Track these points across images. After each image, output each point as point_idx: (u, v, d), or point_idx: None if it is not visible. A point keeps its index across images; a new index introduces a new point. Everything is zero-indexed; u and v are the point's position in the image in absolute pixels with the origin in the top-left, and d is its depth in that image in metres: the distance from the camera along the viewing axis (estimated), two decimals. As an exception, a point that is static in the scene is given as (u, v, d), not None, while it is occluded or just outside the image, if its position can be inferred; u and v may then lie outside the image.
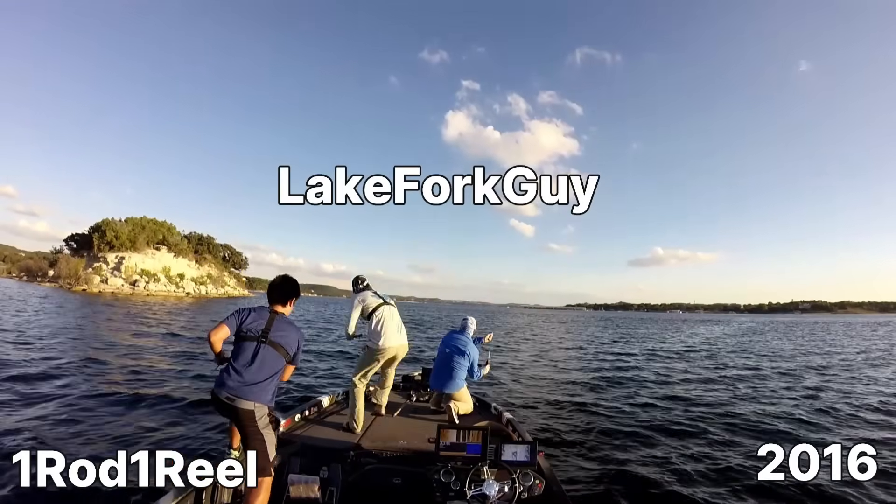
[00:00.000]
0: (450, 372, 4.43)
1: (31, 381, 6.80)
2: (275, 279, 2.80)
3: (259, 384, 2.40)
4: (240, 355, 2.45)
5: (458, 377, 4.42)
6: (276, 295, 2.70)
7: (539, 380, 9.57)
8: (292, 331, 2.63)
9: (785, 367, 12.88)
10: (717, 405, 7.49)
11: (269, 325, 2.54)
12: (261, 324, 2.53)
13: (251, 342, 2.48)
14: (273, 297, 2.70)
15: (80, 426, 4.97)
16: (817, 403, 7.72)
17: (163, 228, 63.65)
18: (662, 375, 10.81)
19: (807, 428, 6.19)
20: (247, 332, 2.49)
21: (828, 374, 11.49)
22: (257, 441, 2.35)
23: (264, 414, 2.40)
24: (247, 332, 2.49)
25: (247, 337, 2.48)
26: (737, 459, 4.79)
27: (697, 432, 5.77)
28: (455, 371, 4.42)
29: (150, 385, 7.18)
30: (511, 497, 2.55)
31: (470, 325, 4.76)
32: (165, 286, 58.13)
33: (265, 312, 2.61)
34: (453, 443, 2.80)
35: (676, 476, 4.34)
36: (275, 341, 2.51)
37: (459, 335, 4.66)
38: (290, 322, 2.67)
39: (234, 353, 2.48)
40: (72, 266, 54.05)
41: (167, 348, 11.55)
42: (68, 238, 64.76)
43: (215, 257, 75.63)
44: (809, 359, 15.21)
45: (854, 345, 22.07)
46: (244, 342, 2.48)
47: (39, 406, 5.61)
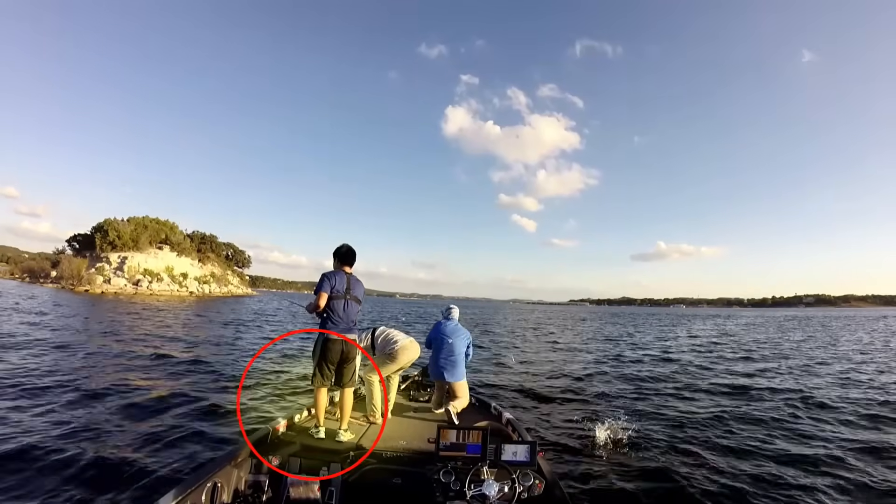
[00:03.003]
0: (455, 360, 4.54)
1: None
2: (343, 246, 3.71)
3: (353, 325, 3.64)
4: (335, 310, 3.52)
5: (461, 364, 4.57)
6: (348, 259, 3.70)
7: (539, 380, 9.57)
8: (361, 285, 3.74)
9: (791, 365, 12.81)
10: (725, 410, 7.47)
11: (349, 284, 3.61)
12: (343, 285, 3.57)
13: (340, 300, 3.55)
14: (345, 260, 3.69)
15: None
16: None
17: (165, 227, 63.71)
18: (668, 375, 10.78)
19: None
20: (336, 294, 3.53)
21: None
22: (353, 360, 3.65)
23: (356, 339, 3.71)
24: (336, 294, 3.53)
25: (336, 297, 3.53)
26: (744, 465, 4.76)
27: (700, 435, 5.75)
28: (459, 358, 4.56)
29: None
30: (511, 497, 2.57)
31: (454, 314, 4.89)
32: (169, 286, 58.19)
33: (342, 275, 3.61)
34: (453, 443, 2.82)
35: (677, 477, 4.36)
36: (355, 296, 3.63)
37: (450, 322, 4.79)
38: (357, 280, 3.72)
39: (332, 309, 3.52)
40: (74, 266, 53.81)
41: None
42: (71, 238, 64.76)
43: (218, 256, 75.60)
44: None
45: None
46: (335, 300, 3.53)
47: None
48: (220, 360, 9.99)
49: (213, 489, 2.51)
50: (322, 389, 3.58)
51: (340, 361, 3.57)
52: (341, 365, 3.59)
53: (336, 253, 3.73)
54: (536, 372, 10.50)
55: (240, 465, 2.81)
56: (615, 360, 13.12)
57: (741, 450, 5.14)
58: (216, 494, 2.53)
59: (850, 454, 5.03)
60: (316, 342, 3.62)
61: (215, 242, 75.08)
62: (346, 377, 3.61)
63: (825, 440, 5.53)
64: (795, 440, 5.57)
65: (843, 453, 5.04)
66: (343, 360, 3.58)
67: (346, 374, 3.62)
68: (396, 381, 4.49)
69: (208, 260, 71.70)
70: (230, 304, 42.81)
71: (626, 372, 10.74)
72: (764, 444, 5.33)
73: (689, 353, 15.00)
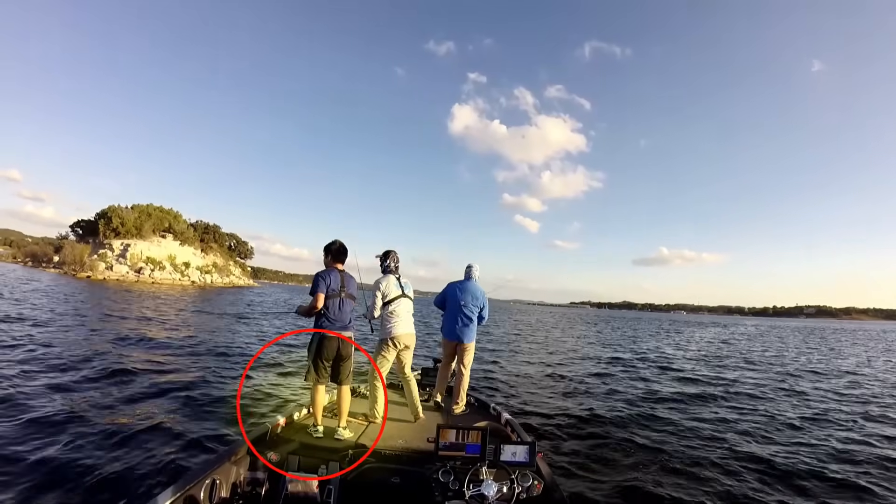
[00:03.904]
0: (467, 320, 4.45)
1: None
2: (335, 243, 3.69)
3: (349, 323, 3.65)
4: (330, 309, 3.53)
5: (473, 326, 4.48)
6: (340, 256, 3.69)
7: (540, 379, 9.54)
8: (354, 281, 3.78)
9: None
10: (724, 415, 7.43)
11: (343, 281, 3.63)
12: (338, 283, 3.58)
13: (336, 298, 3.57)
14: (337, 257, 3.68)
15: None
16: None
17: (169, 216, 63.89)
18: (669, 380, 10.74)
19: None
20: (332, 292, 3.55)
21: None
22: (350, 358, 3.66)
23: (352, 336, 3.69)
24: (332, 292, 3.55)
25: (332, 295, 3.55)
26: (746, 469, 4.73)
27: (702, 438, 5.74)
28: (472, 319, 4.46)
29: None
30: (509, 497, 2.54)
31: (475, 272, 4.69)
32: (170, 274, 58.41)
33: (335, 272, 3.63)
34: (452, 443, 2.78)
35: (677, 477, 4.34)
36: (349, 293, 3.66)
37: (470, 281, 4.62)
38: (350, 276, 3.76)
39: (327, 307, 3.53)
40: (77, 252, 53.86)
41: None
42: (74, 224, 65.20)
43: (221, 246, 75.83)
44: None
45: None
46: (330, 299, 3.54)
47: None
48: (221, 355, 10.00)
49: (212, 486, 2.50)
50: (320, 387, 3.56)
51: (336, 359, 3.57)
52: (337, 362, 3.60)
53: (327, 249, 3.68)
54: (537, 372, 10.47)
55: (238, 462, 2.80)
56: (617, 363, 13.07)
57: (744, 455, 5.07)
58: (214, 491, 2.52)
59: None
60: (311, 339, 3.58)
61: (218, 233, 75.31)
62: (343, 374, 3.61)
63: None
64: (811, 457, 5.46)
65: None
66: (339, 357, 3.58)
67: (343, 371, 3.61)
68: (414, 382, 4.20)
69: (211, 250, 71.94)
70: (232, 294, 42.90)
71: (629, 375, 10.69)
72: (769, 453, 5.24)
73: (693, 362, 14.93)
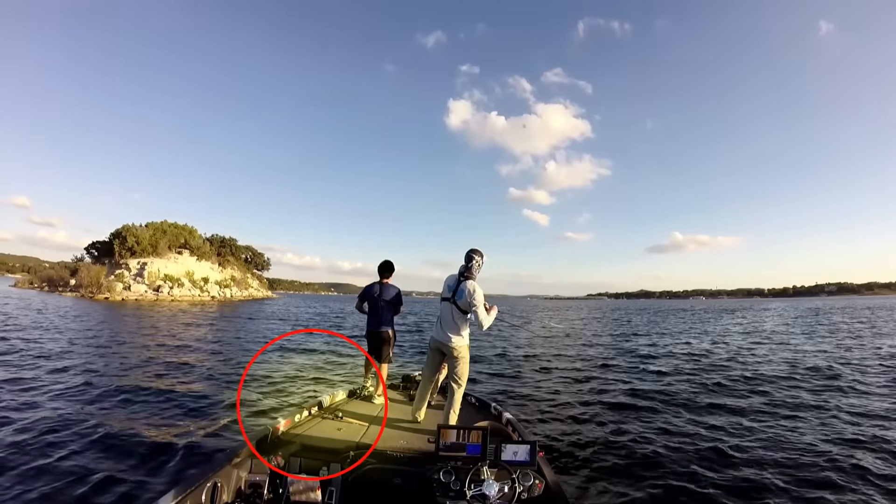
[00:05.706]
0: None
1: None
2: (381, 263, 4.98)
3: (386, 321, 4.92)
4: (370, 311, 4.95)
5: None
6: (382, 272, 4.96)
7: (539, 379, 9.41)
8: (392, 289, 4.96)
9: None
10: (736, 411, 7.24)
11: (380, 291, 4.91)
12: (376, 292, 4.90)
13: (374, 302, 4.92)
14: (381, 273, 4.96)
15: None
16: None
17: (184, 232, 65.02)
18: (679, 378, 10.49)
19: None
20: (371, 299, 4.93)
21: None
22: (390, 346, 4.91)
23: (390, 330, 4.95)
24: (371, 299, 4.93)
25: (369, 300, 4.94)
26: (747, 470, 4.56)
27: (706, 439, 5.49)
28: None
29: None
30: (511, 497, 2.54)
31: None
32: (190, 290, 59.35)
33: (377, 284, 4.94)
34: (453, 443, 2.79)
35: (678, 478, 4.25)
36: (385, 299, 4.90)
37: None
38: (391, 286, 4.98)
39: (368, 310, 4.96)
40: (93, 274, 53.99)
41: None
42: (89, 246, 66.11)
43: (237, 259, 77.00)
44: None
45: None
46: (370, 304, 4.95)
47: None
48: (229, 361, 10.15)
49: (213, 489, 2.51)
50: (375, 366, 4.89)
51: (376, 346, 4.89)
52: (378, 348, 4.88)
53: (378, 268, 5.04)
54: (537, 372, 10.36)
55: (240, 464, 2.81)
56: (624, 359, 12.75)
57: (746, 457, 4.87)
58: (216, 494, 2.53)
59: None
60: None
61: (235, 245, 76.44)
62: (383, 357, 4.89)
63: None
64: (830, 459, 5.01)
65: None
66: (377, 345, 4.90)
67: (383, 355, 4.89)
68: (459, 394, 3.90)
69: (228, 263, 73.06)
70: (252, 307, 43.55)
71: (635, 373, 10.47)
72: (774, 453, 4.99)
73: (692, 359, 14.60)
